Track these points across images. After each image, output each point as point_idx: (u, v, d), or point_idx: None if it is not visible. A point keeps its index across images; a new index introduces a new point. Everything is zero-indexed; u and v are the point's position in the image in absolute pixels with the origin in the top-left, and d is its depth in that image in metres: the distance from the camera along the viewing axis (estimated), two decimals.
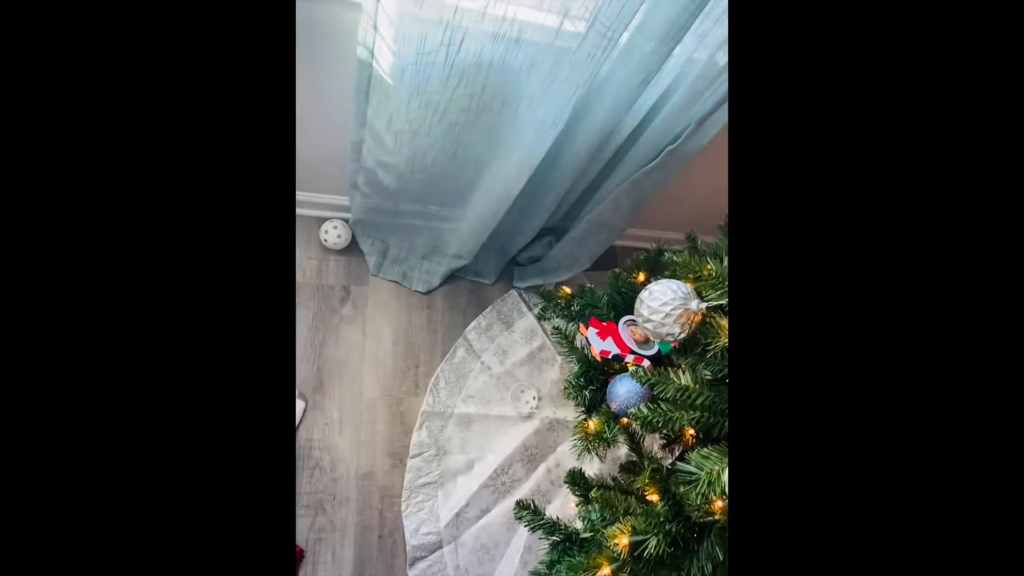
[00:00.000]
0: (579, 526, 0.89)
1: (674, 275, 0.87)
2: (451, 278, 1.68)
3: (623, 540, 0.73)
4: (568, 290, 1.11)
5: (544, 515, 0.95)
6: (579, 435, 0.95)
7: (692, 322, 0.75)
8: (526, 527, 0.94)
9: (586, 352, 1.01)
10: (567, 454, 1.51)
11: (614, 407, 0.90)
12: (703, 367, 0.78)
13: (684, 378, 0.76)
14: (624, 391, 0.88)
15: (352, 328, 1.54)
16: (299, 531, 1.31)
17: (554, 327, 1.10)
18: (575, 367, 1.01)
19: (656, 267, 1.05)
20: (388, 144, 1.18)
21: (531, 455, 1.52)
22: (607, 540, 0.75)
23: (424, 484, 1.43)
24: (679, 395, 0.75)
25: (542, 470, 1.52)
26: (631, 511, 0.79)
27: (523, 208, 1.45)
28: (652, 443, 0.97)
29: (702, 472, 0.69)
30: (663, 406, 0.77)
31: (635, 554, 0.73)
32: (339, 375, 1.47)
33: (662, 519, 0.74)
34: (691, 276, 0.80)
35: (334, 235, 1.54)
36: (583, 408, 1.00)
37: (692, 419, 0.75)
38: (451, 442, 1.48)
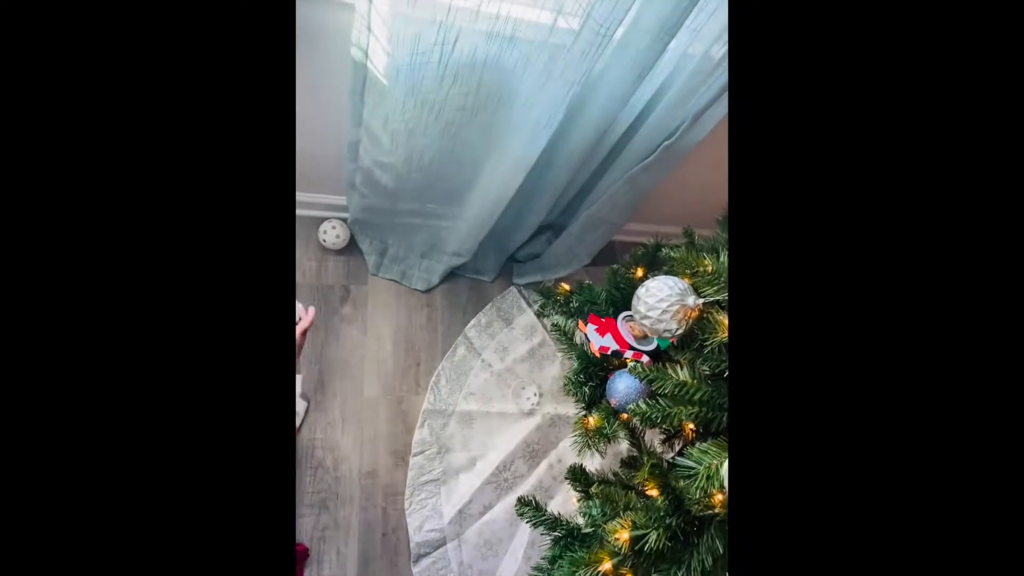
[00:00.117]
0: (580, 521, 0.89)
1: (671, 271, 0.87)
2: (450, 276, 1.69)
3: (624, 535, 0.73)
4: (567, 287, 1.12)
5: (545, 511, 0.96)
6: (579, 431, 0.96)
7: (689, 318, 0.76)
8: (528, 523, 0.95)
9: (585, 348, 1.01)
10: (569, 450, 1.51)
11: (614, 403, 0.91)
12: (701, 362, 0.78)
13: (682, 374, 0.77)
14: (623, 387, 0.89)
15: (352, 328, 1.54)
16: (304, 530, 1.32)
17: (553, 324, 1.10)
18: (575, 363, 1.02)
19: (654, 263, 1.05)
20: (384, 144, 1.18)
21: (533, 451, 1.53)
22: (608, 535, 0.75)
23: (427, 481, 1.43)
24: (677, 390, 0.76)
25: (544, 466, 1.52)
26: (631, 506, 0.79)
27: (521, 205, 1.45)
28: (652, 438, 0.98)
29: (701, 466, 0.70)
30: (662, 402, 0.78)
31: (636, 548, 0.73)
32: (340, 375, 1.48)
33: (662, 513, 0.74)
34: (688, 272, 0.80)
35: (333, 235, 1.54)
36: (583, 404, 1.01)
37: (691, 414, 0.76)
38: (453, 439, 1.49)
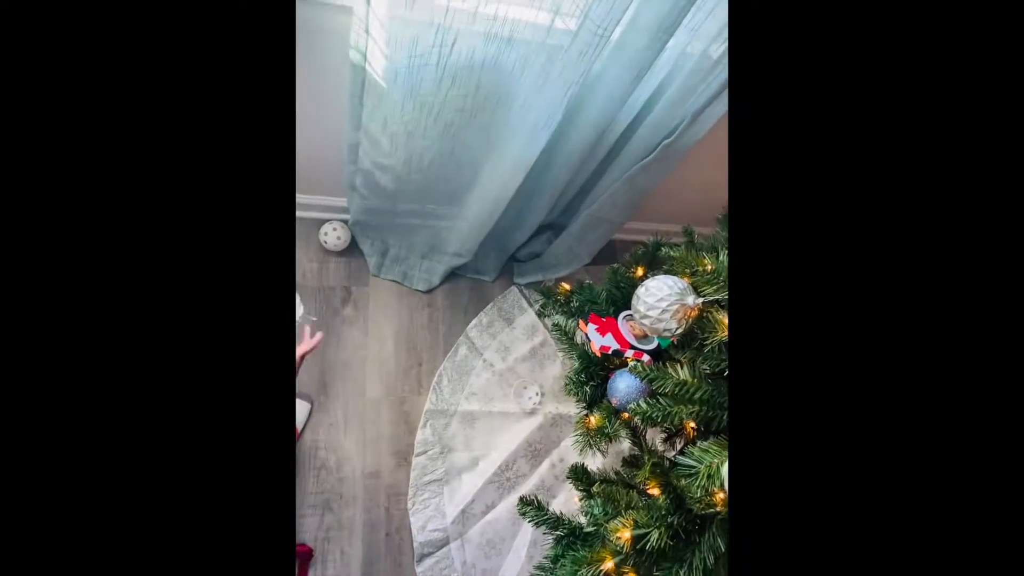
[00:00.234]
0: (583, 520, 0.90)
1: (671, 270, 0.87)
2: (451, 276, 1.69)
3: (625, 534, 0.74)
4: (567, 286, 1.12)
5: (547, 510, 0.96)
6: (581, 430, 0.97)
7: (689, 317, 0.76)
8: (530, 523, 0.96)
9: (586, 348, 1.02)
10: (571, 449, 1.51)
11: (615, 402, 0.91)
12: (701, 361, 0.78)
13: (683, 373, 0.77)
14: (624, 386, 0.89)
15: (354, 329, 1.55)
16: (308, 530, 1.33)
17: (554, 324, 1.10)
18: (576, 363, 1.02)
19: (654, 262, 1.05)
20: (384, 146, 1.18)
21: (535, 450, 1.54)
22: (610, 534, 0.76)
23: (430, 481, 1.44)
24: (678, 389, 0.76)
25: (546, 465, 1.53)
26: (633, 505, 0.80)
27: (521, 205, 1.45)
28: (654, 437, 0.98)
29: (702, 465, 0.70)
30: (662, 401, 0.78)
31: (637, 547, 0.74)
32: (342, 376, 1.49)
33: (664, 512, 0.75)
34: (688, 271, 0.81)
35: (334, 237, 1.54)
36: (584, 404, 1.01)
37: (691, 413, 0.76)
38: (455, 439, 1.50)
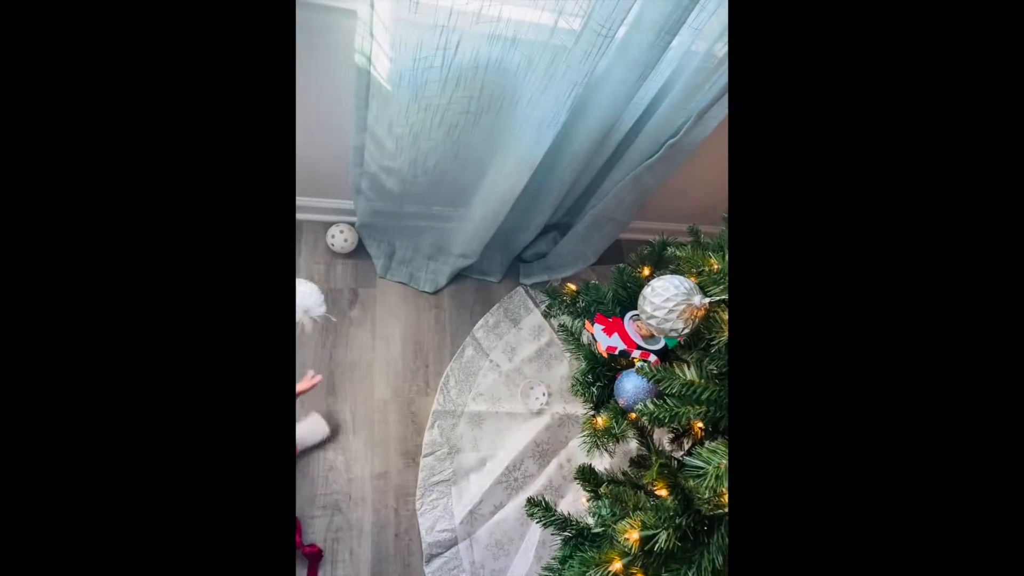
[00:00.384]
0: (590, 521, 0.89)
1: (678, 270, 0.87)
2: (457, 277, 1.69)
3: (634, 535, 0.73)
4: (573, 287, 1.12)
5: (555, 511, 0.96)
6: (588, 431, 0.96)
7: (695, 317, 0.76)
8: (538, 523, 0.96)
9: (593, 348, 1.01)
10: (578, 449, 1.51)
11: (622, 403, 0.91)
12: (708, 362, 0.78)
13: (690, 373, 0.76)
14: (631, 387, 0.89)
15: (361, 330, 1.55)
16: (317, 531, 1.34)
17: (560, 324, 1.10)
18: (582, 364, 1.02)
19: (660, 261, 1.05)
20: (389, 148, 1.19)
21: (542, 451, 1.54)
22: (618, 535, 0.76)
23: (438, 482, 1.44)
24: (685, 390, 0.76)
25: (554, 465, 1.53)
26: (641, 506, 0.79)
27: (526, 206, 1.46)
28: (661, 437, 0.98)
29: (710, 466, 0.70)
30: (669, 401, 0.78)
31: (646, 548, 0.73)
32: (350, 377, 1.49)
33: (672, 513, 0.74)
34: (694, 271, 0.80)
35: (340, 239, 1.55)
36: (591, 404, 1.01)
37: (699, 413, 0.75)
38: (463, 440, 1.50)
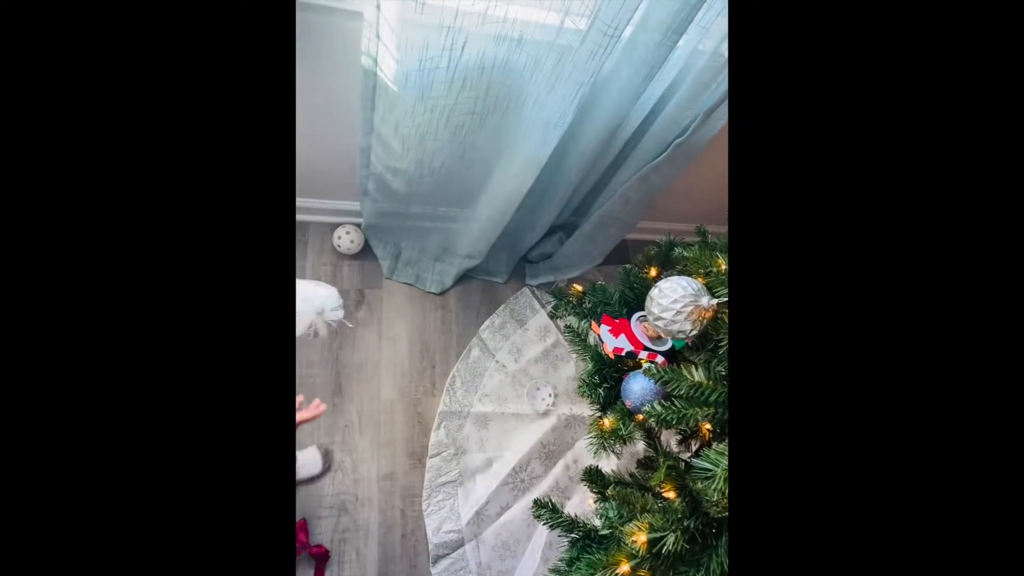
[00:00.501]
0: (598, 523, 0.89)
1: (685, 270, 0.86)
2: (464, 278, 1.69)
3: (641, 537, 0.73)
4: (579, 287, 1.11)
5: (562, 513, 0.96)
6: (595, 433, 0.96)
7: (703, 319, 0.75)
8: (544, 525, 0.95)
9: (599, 349, 1.01)
10: (585, 450, 1.51)
11: (629, 404, 0.90)
12: (716, 363, 0.77)
13: (697, 375, 0.76)
14: (638, 388, 0.88)
15: (368, 331, 1.56)
16: (324, 531, 1.34)
17: (566, 325, 1.10)
18: (589, 365, 1.02)
19: (667, 261, 1.04)
20: (396, 149, 1.19)
21: (549, 452, 1.53)
22: (625, 537, 0.75)
23: (444, 483, 1.44)
24: (693, 392, 0.75)
25: (560, 466, 1.52)
26: (648, 508, 0.79)
27: (532, 206, 1.45)
28: (669, 439, 0.97)
29: (718, 468, 0.69)
30: (677, 403, 0.77)
31: (653, 551, 0.73)
32: (357, 378, 1.50)
33: (680, 516, 0.74)
34: (701, 272, 0.80)
35: (347, 240, 1.56)
36: (598, 406, 1.01)
37: (707, 415, 0.75)
38: (469, 441, 1.50)
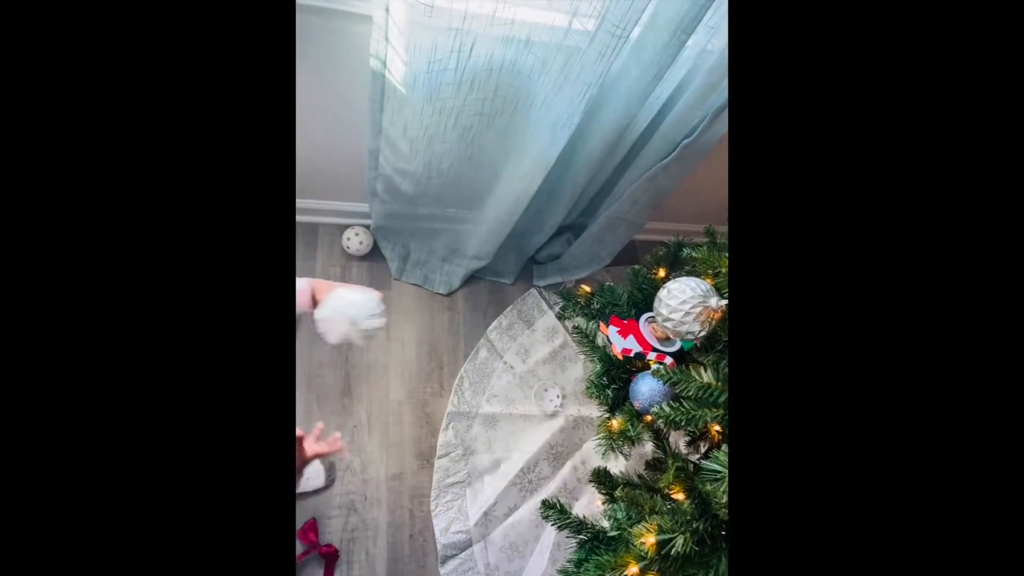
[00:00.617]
0: (606, 524, 0.89)
1: (693, 271, 0.86)
2: (471, 279, 1.70)
3: (650, 539, 0.73)
4: (588, 288, 1.11)
5: (570, 514, 0.96)
6: (603, 434, 0.96)
7: (712, 319, 0.75)
8: (553, 526, 0.95)
9: (607, 350, 1.01)
10: (593, 452, 1.50)
11: (637, 405, 0.90)
12: (725, 364, 0.77)
13: (706, 376, 0.75)
14: (647, 389, 0.88)
15: (377, 332, 1.56)
16: (333, 531, 1.35)
17: (574, 326, 1.10)
18: (597, 366, 1.01)
19: (676, 262, 1.04)
20: (404, 151, 1.20)
21: (557, 453, 1.53)
22: (634, 539, 0.75)
23: (452, 483, 1.45)
24: (702, 393, 0.75)
25: (568, 467, 1.52)
26: (657, 509, 0.79)
27: (540, 207, 1.45)
28: (678, 440, 0.97)
29: (727, 470, 0.69)
30: (686, 404, 0.77)
31: (662, 553, 0.73)
32: (366, 379, 1.50)
33: (688, 517, 0.74)
34: (710, 273, 0.79)
35: (356, 241, 1.57)
36: (606, 407, 1.00)
37: (715, 417, 0.74)
38: (477, 442, 1.50)
